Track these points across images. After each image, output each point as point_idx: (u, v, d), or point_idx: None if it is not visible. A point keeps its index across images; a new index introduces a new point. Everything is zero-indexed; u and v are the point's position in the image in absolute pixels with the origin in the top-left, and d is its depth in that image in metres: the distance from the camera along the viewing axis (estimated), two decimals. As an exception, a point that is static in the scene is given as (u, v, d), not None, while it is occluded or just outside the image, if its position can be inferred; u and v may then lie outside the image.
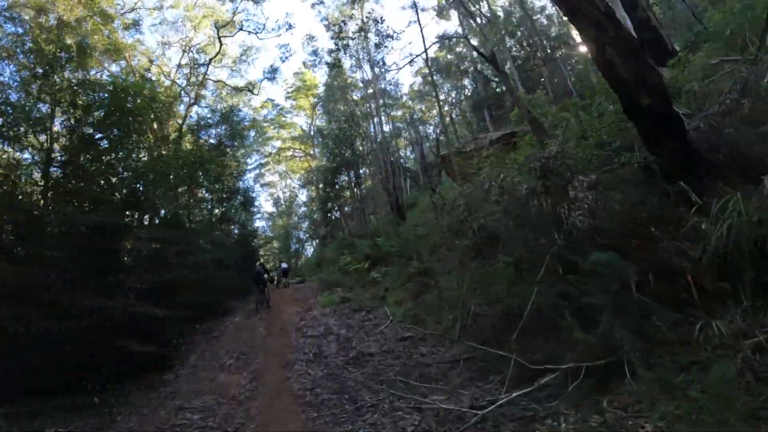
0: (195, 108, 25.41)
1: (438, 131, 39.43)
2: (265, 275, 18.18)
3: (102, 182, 12.01)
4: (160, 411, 8.12)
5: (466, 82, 37.88)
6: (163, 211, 15.01)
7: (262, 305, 17.17)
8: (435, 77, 37.85)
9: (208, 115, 24.20)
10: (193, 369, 10.75)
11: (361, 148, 27.49)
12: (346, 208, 34.01)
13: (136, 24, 23.99)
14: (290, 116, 42.40)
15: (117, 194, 11.76)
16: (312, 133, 42.33)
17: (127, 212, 11.80)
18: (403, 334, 10.71)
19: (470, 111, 36.11)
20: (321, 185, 38.75)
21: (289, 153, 44.30)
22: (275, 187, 47.03)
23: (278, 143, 42.66)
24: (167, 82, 24.52)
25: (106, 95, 12.43)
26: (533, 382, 5.25)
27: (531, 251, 7.03)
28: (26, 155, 11.75)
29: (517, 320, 6.25)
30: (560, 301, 5.71)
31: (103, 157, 12.23)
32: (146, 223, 14.12)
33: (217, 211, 23.13)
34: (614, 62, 5.76)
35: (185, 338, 13.21)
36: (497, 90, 31.64)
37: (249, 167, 29.73)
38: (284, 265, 22.76)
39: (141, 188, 12.33)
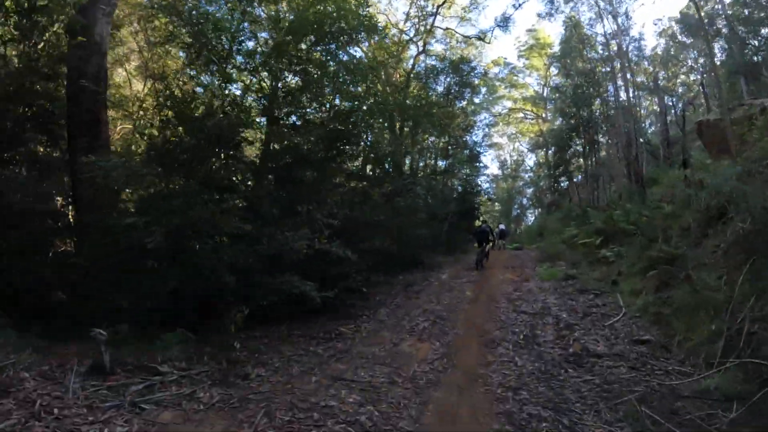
0: (423, 58, 24.64)
1: (686, 100, 31.57)
2: (489, 235, 16.74)
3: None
4: (309, 376, 6.23)
5: (716, 48, 28.79)
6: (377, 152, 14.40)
7: (480, 263, 15.87)
8: (683, 38, 30.12)
9: (437, 64, 23.17)
10: (379, 325, 9.52)
11: (599, 112, 23.25)
12: (576, 178, 30.09)
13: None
14: (522, 76, 39.13)
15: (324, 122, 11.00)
16: (545, 94, 38.48)
17: (337, 143, 11.01)
18: (640, 334, 8.15)
19: (724, 79, 27.38)
20: (552, 149, 35.16)
21: (520, 115, 41.27)
22: (503, 149, 44.69)
23: (509, 104, 39.99)
24: (395, 32, 24.06)
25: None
26: None
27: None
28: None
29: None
30: None
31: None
32: (358, 158, 13.56)
33: (441, 163, 22.34)
34: None
35: (380, 288, 12.41)
36: (755, 58, 23.15)
37: (477, 125, 27.86)
38: (502, 226, 20.94)
39: (353, 119, 11.50)
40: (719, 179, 11.46)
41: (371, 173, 14.13)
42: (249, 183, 10.22)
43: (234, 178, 9.62)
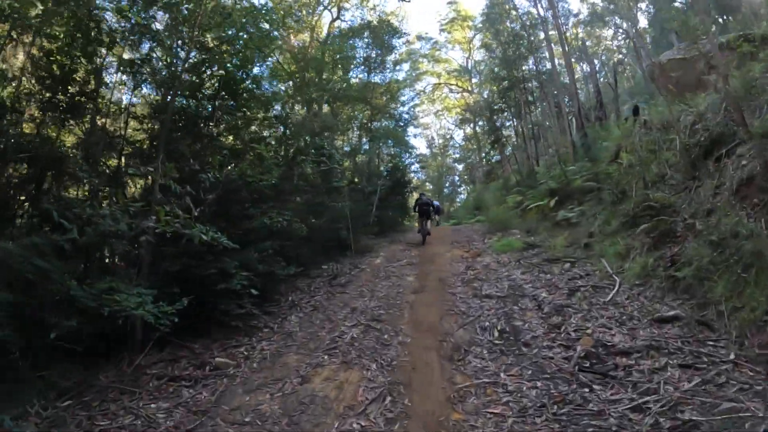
0: (338, 25, 21.26)
1: (616, 61, 30.55)
2: (430, 207, 14.17)
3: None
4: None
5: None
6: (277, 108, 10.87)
7: (425, 236, 13.45)
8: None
9: (355, 23, 19.81)
10: (284, 342, 6.15)
11: (533, 67, 20.79)
12: (507, 150, 27.99)
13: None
14: (444, 51, 36.70)
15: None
16: (470, 67, 36.35)
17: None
18: (660, 310, 5.47)
19: (651, 37, 26.27)
20: (480, 122, 32.94)
21: (445, 90, 38.91)
22: (429, 128, 42.23)
23: (433, 80, 37.42)
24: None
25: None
26: None
27: None
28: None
29: None
30: None
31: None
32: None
33: (364, 138, 19.01)
34: None
35: (296, 284, 9.14)
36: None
37: (402, 101, 24.52)
38: (436, 203, 18.06)
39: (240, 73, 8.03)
40: (701, 113, 9.23)
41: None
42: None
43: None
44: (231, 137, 8.60)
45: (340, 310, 7.26)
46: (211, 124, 8.16)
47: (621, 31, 30.48)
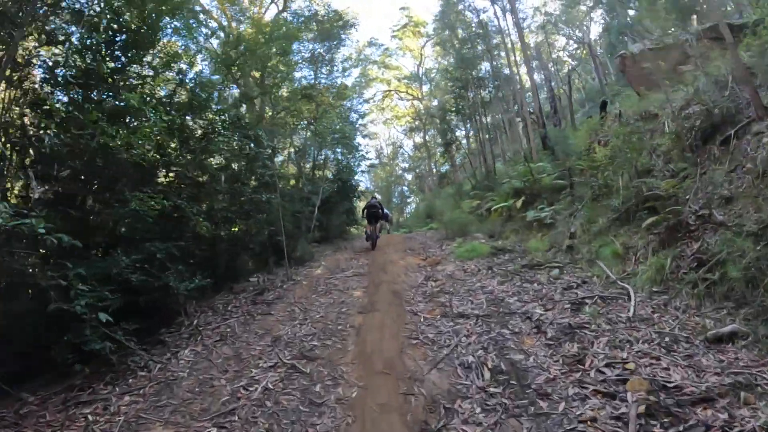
0: (285, 17, 19.01)
1: (570, 68, 30.12)
2: (381, 211, 12.52)
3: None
4: None
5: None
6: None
7: (374, 241, 11.78)
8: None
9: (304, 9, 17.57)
10: (152, 403, 3.74)
11: (489, 69, 19.27)
12: (457, 159, 26.49)
13: None
14: (396, 57, 35.23)
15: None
16: (421, 74, 35.01)
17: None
18: (710, 326, 3.85)
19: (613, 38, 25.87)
20: (431, 131, 31.47)
21: (395, 99, 37.29)
22: (378, 138, 40.37)
23: (383, 87, 35.73)
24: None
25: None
26: None
27: None
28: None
29: None
30: None
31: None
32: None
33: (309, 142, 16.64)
34: None
35: (210, 302, 6.81)
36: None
37: (352, 105, 22.15)
38: (385, 211, 16.04)
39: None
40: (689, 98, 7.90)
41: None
42: None
43: None
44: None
45: (258, 340, 4.99)
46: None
47: (573, 39, 30.14)
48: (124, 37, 6.10)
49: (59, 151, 4.75)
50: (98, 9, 5.99)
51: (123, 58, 6.25)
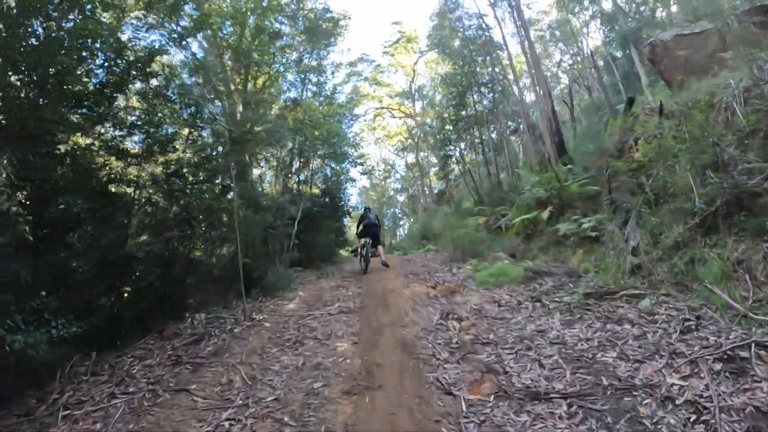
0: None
1: (570, 80, 28.25)
2: (378, 228, 10.24)
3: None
4: None
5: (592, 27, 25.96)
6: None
7: (366, 265, 9.47)
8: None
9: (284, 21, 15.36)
10: None
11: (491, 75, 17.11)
12: (452, 176, 24.21)
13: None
14: (387, 74, 33.40)
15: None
16: (413, 91, 33.12)
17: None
18: None
19: (611, 53, 24.00)
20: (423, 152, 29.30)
21: (387, 118, 35.26)
22: (369, 158, 38.10)
23: (375, 105, 33.70)
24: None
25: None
26: None
27: None
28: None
29: None
30: None
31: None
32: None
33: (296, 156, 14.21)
34: None
35: (107, 360, 4.23)
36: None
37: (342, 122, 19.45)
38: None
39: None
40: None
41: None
42: None
43: None
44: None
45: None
46: None
47: (570, 54, 28.54)
48: None
49: None
50: None
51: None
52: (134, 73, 5.60)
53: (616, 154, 9.09)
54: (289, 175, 14.88)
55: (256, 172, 14.61)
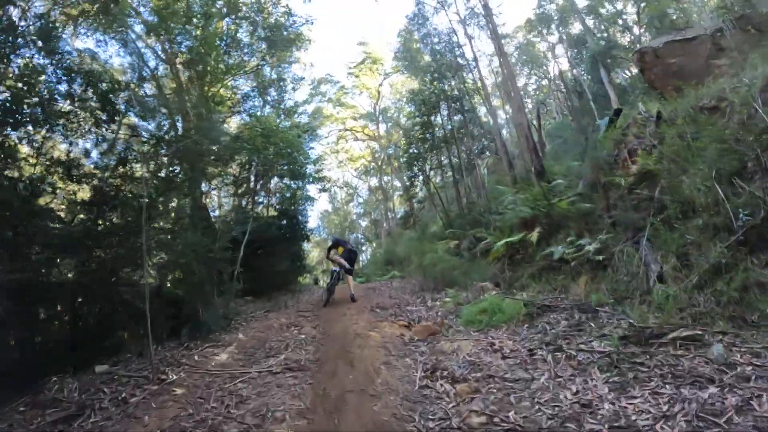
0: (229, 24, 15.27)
1: (539, 99, 27.84)
2: (356, 255, 9.06)
3: None
4: None
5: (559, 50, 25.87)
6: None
7: (329, 296, 8.08)
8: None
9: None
10: None
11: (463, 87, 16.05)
12: (415, 201, 23.15)
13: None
14: (352, 96, 32.36)
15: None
16: (377, 113, 32.07)
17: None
18: None
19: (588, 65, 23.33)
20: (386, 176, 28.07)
21: (350, 141, 33.96)
22: (331, 182, 36.51)
23: (338, 127, 32.43)
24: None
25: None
26: None
27: None
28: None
29: None
30: None
31: None
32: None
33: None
34: None
35: None
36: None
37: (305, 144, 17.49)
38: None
39: None
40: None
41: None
42: None
43: None
44: None
45: None
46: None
47: (536, 77, 28.40)
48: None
49: None
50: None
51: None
52: None
53: (608, 168, 8.08)
54: (243, 194, 13.19)
55: (204, 187, 12.79)
